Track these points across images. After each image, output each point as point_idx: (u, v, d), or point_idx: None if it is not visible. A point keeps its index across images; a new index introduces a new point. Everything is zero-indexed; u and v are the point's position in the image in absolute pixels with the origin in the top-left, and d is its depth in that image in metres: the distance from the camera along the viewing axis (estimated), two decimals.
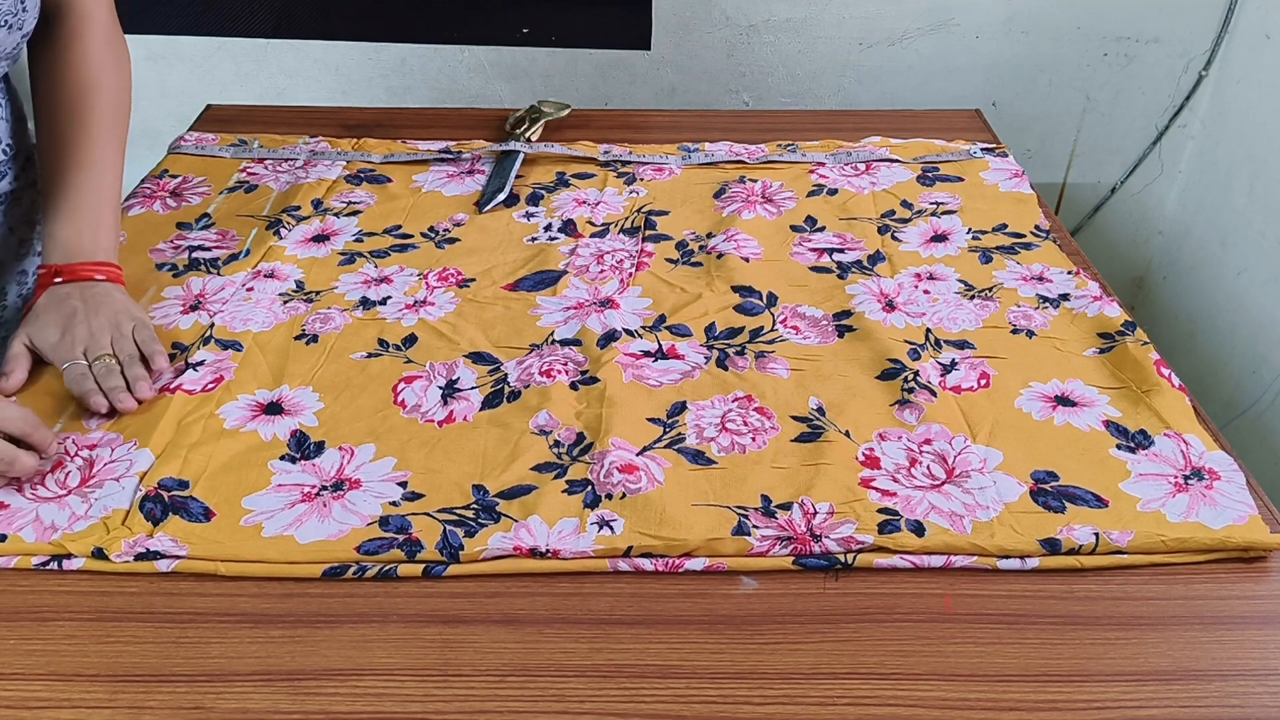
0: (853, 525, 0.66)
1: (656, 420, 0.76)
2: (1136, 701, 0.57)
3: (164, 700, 0.57)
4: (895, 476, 0.70)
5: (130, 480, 0.69)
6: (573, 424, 0.75)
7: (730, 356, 0.83)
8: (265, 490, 0.70)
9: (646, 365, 0.82)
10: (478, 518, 0.68)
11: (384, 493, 0.70)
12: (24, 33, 0.81)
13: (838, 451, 0.72)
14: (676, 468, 0.71)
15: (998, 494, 0.69)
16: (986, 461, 0.72)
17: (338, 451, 0.73)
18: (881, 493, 0.69)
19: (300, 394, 0.79)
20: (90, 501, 0.68)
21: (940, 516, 0.67)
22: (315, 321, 0.87)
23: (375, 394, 0.79)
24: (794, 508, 0.68)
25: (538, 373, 0.81)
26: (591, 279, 0.93)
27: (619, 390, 0.78)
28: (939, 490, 0.69)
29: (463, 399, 0.78)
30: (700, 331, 0.86)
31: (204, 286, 0.91)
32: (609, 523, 0.67)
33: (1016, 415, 0.76)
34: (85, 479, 0.70)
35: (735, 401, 0.78)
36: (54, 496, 0.68)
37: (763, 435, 0.74)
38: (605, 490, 0.69)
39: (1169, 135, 1.57)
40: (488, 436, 0.75)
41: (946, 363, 0.82)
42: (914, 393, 0.78)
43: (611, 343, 0.84)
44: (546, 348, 0.84)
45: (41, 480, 0.70)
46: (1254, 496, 0.69)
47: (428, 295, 0.91)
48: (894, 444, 0.73)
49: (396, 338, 0.85)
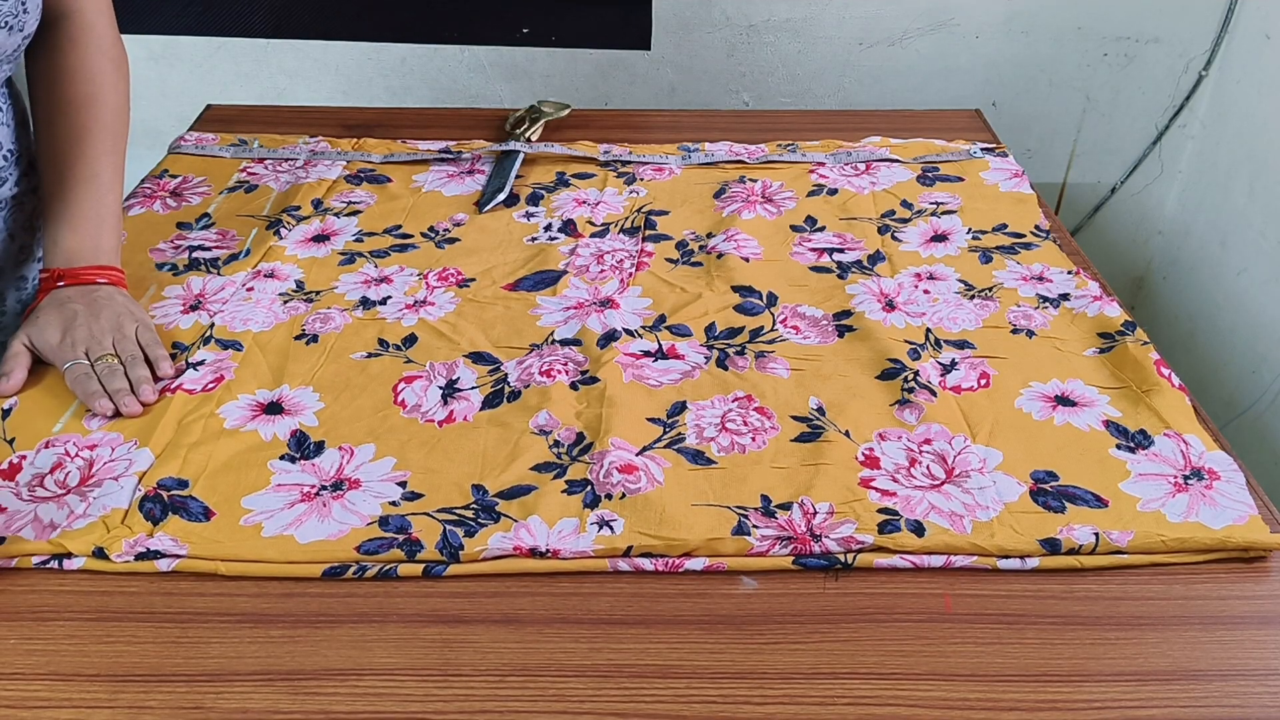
0: (853, 525, 0.66)
1: (656, 420, 0.76)
2: (1136, 702, 0.57)
3: (164, 700, 0.57)
4: (895, 476, 0.70)
5: (129, 480, 0.69)
6: (573, 424, 0.75)
7: (730, 356, 0.83)
8: (265, 490, 0.70)
9: (646, 365, 0.82)
10: (477, 518, 0.67)
11: (383, 492, 0.70)
12: (25, 35, 0.81)
13: (837, 451, 0.73)
14: (676, 468, 0.71)
15: (997, 494, 0.69)
16: (986, 461, 0.72)
17: (337, 451, 0.73)
18: (881, 493, 0.69)
19: (300, 394, 0.79)
20: (89, 500, 0.68)
21: (940, 516, 0.67)
22: (315, 321, 0.87)
23: (375, 394, 0.79)
24: (794, 508, 0.68)
25: (538, 372, 0.81)
26: (591, 279, 0.93)
27: (619, 390, 0.78)
28: (939, 490, 0.69)
29: (463, 399, 0.78)
30: (700, 331, 0.86)
31: (204, 286, 0.91)
32: (609, 523, 0.67)
33: (1016, 415, 0.76)
34: (84, 478, 0.70)
35: (735, 401, 0.78)
36: (53, 496, 0.68)
37: (762, 435, 0.74)
38: (605, 490, 0.69)
39: (1169, 135, 1.57)
40: (487, 436, 0.75)
41: (946, 363, 0.82)
42: (914, 393, 0.78)
43: (611, 342, 0.84)
44: (546, 347, 0.84)
45: (40, 481, 0.70)
46: (1254, 496, 0.69)
47: (428, 295, 0.91)
48: (894, 444, 0.73)
49: (396, 338, 0.85)
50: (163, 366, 0.80)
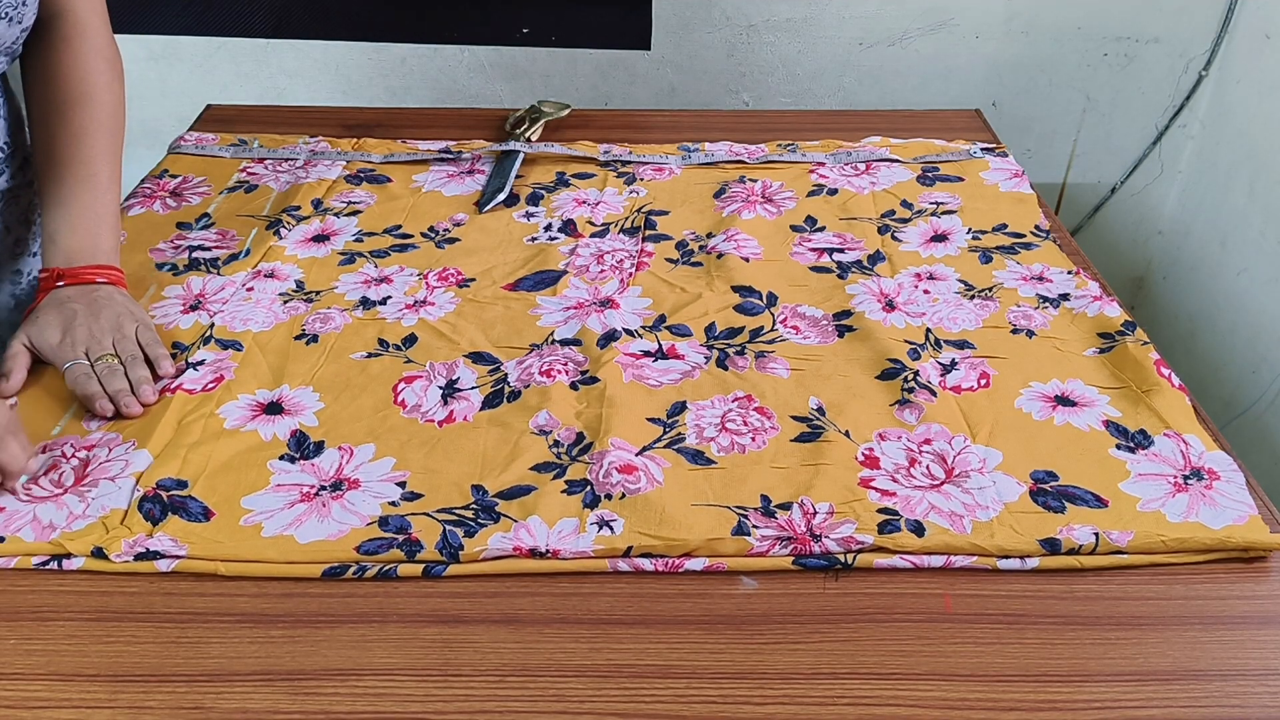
0: (852, 525, 0.66)
1: (656, 420, 0.76)
2: (1137, 702, 0.57)
3: (164, 700, 0.57)
4: (895, 476, 0.70)
5: (126, 480, 0.69)
6: (573, 424, 0.75)
7: (730, 356, 0.83)
8: (264, 490, 0.70)
9: (646, 365, 0.82)
10: (477, 518, 0.67)
11: (383, 493, 0.70)
12: (24, 27, 0.81)
13: (837, 451, 0.73)
14: (676, 468, 0.72)
15: (997, 494, 0.69)
16: (986, 461, 0.72)
17: (337, 451, 0.73)
18: (881, 493, 0.69)
19: (300, 394, 0.79)
20: (88, 501, 0.68)
21: (940, 516, 0.67)
22: (315, 321, 0.87)
23: (375, 394, 0.79)
24: (794, 508, 0.68)
25: (538, 372, 0.81)
26: (591, 279, 0.93)
27: (619, 390, 0.78)
28: (938, 490, 0.69)
29: (463, 399, 0.78)
30: (700, 331, 0.86)
31: (204, 286, 0.91)
32: (609, 523, 0.67)
33: (1016, 415, 0.76)
34: (79, 478, 0.70)
35: (735, 401, 0.78)
36: (50, 495, 0.68)
37: (762, 435, 0.74)
38: (605, 490, 0.69)
39: (1169, 135, 1.57)
40: (487, 436, 0.75)
41: (946, 362, 0.82)
42: (914, 393, 0.78)
43: (611, 343, 0.84)
44: (546, 347, 0.84)
45: (36, 480, 0.70)
46: (1254, 496, 0.69)
47: (428, 295, 0.91)
48: (894, 444, 0.73)
49: (396, 338, 0.85)
50: (163, 366, 0.79)
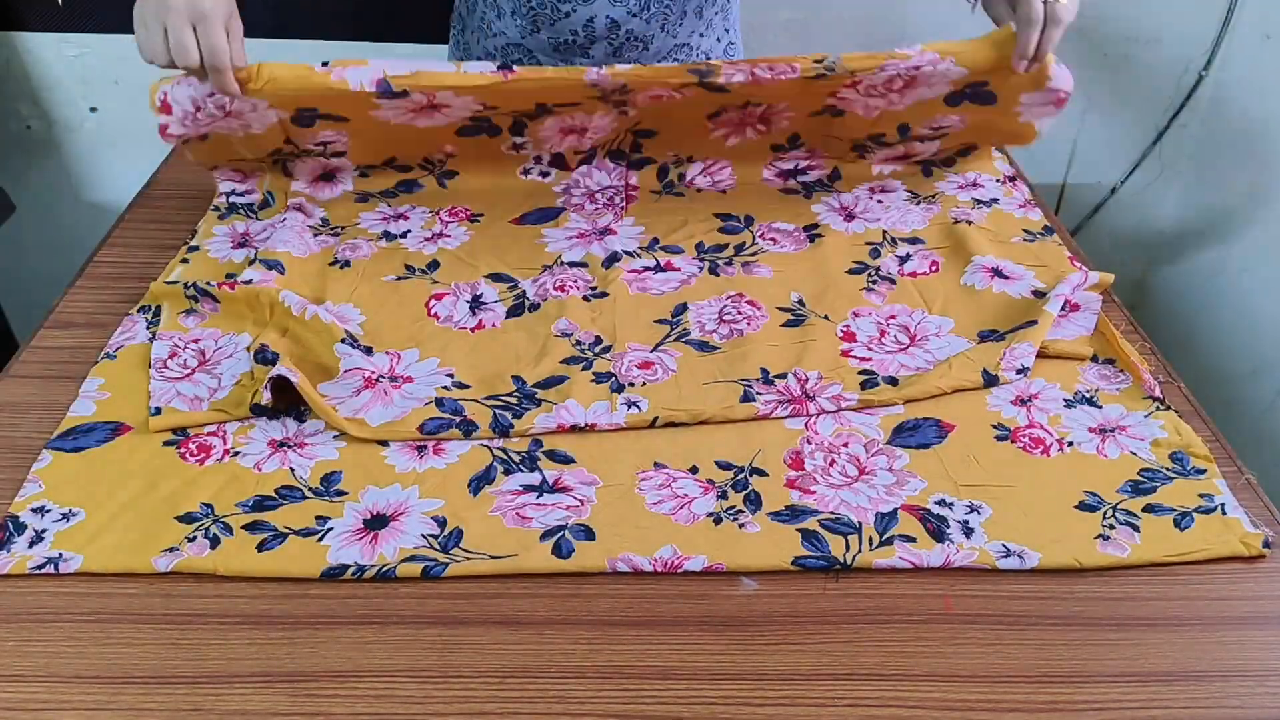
0: (839, 386, 0.80)
1: (663, 320, 0.87)
2: (1137, 702, 0.57)
3: (163, 702, 0.57)
4: (869, 346, 0.85)
5: (242, 354, 0.81)
6: (590, 329, 0.86)
7: (720, 265, 0.95)
8: (336, 380, 0.78)
9: (649, 277, 0.93)
10: (521, 403, 0.78)
11: (435, 382, 0.80)
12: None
13: (820, 330, 0.86)
14: (686, 357, 0.83)
15: (952, 350, 0.84)
16: (941, 328, 0.87)
17: (385, 355, 0.82)
18: (859, 359, 0.83)
19: (343, 309, 0.88)
20: (218, 376, 0.79)
21: (908, 372, 0.81)
22: (345, 250, 0.96)
23: (410, 308, 0.88)
24: (789, 376, 0.81)
25: (552, 288, 0.91)
26: (588, 215, 1.02)
27: (627, 301, 0.89)
28: (905, 352, 0.84)
29: (488, 310, 0.89)
30: (691, 248, 0.97)
31: (248, 228, 0.99)
32: (635, 403, 0.78)
33: (963, 290, 0.91)
34: (201, 362, 0.80)
35: (729, 299, 0.90)
36: (182, 375, 0.79)
37: (756, 321, 0.87)
38: (628, 380, 0.80)
39: (1169, 135, 1.57)
40: (517, 339, 0.85)
41: (903, 255, 0.96)
42: (878, 282, 0.93)
43: (615, 263, 0.94)
44: (557, 268, 0.94)
45: (164, 364, 0.80)
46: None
47: (443, 229, 1.00)
48: (866, 320, 0.88)
49: (421, 263, 0.95)
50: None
